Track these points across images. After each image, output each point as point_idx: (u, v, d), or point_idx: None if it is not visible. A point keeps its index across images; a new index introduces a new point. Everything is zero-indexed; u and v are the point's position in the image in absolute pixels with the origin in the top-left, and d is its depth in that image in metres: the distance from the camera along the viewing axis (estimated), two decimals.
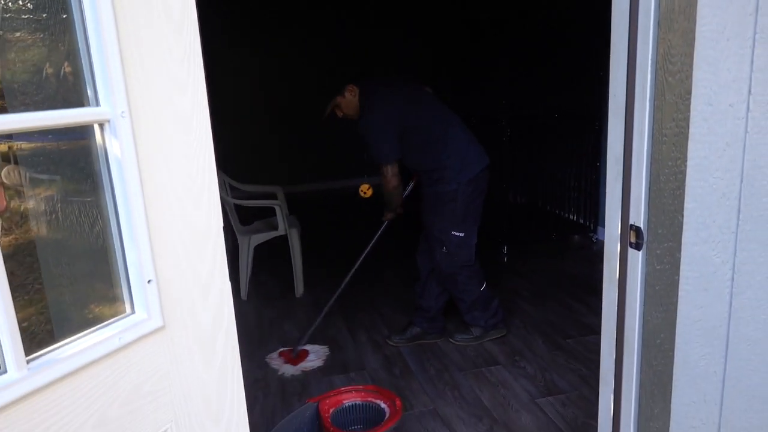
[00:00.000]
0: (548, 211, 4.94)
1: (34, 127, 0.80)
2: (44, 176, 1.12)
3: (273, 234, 3.70)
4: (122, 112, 0.80)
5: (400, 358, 2.83)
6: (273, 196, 3.91)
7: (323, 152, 6.52)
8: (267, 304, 3.60)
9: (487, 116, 4.46)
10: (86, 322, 0.86)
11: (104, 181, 0.83)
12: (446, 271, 2.79)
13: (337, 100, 2.75)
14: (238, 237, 3.64)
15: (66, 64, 0.94)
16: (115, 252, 0.85)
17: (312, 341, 2.96)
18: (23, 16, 0.99)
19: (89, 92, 0.80)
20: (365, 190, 3.08)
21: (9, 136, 1.20)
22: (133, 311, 0.87)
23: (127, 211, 0.83)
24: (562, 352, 2.81)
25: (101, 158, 0.82)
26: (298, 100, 6.40)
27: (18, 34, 1.06)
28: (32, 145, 1.13)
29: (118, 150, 0.80)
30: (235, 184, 4.00)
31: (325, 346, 2.97)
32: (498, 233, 4.23)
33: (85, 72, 0.80)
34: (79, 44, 0.80)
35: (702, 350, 1.42)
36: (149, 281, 0.86)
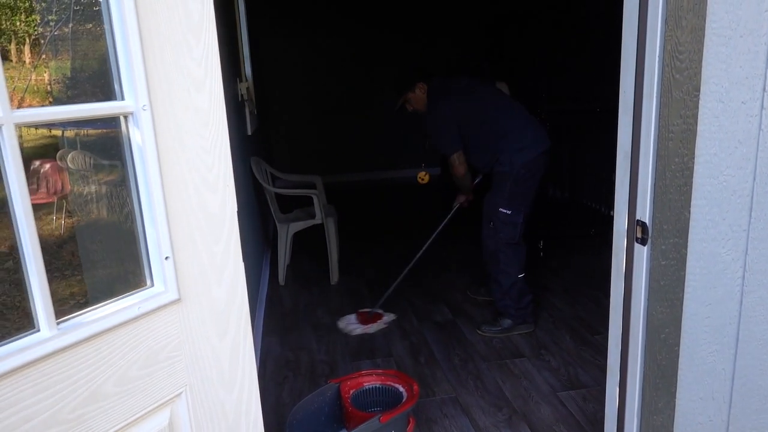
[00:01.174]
0: (588, 206, 4.88)
1: (69, 118, 0.90)
2: (106, 161, 1.23)
3: (311, 222, 3.82)
4: (144, 105, 0.90)
5: (426, 346, 2.90)
6: (312, 186, 4.04)
7: (362, 144, 6.61)
8: (303, 289, 3.73)
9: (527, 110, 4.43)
10: (113, 293, 0.97)
11: (128, 166, 0.93)
12: (490, 248, 2.95)
13: (407, 96, 3.00)
14: (278, 225, 3.77)
15: None
16: (137, 231, 0.95)
17: (385, 309, 3.27)
18: (94, 8, 1.10)
19: (116, 87, 0.90)
20: (423, 177, 3.32)
21: (77, 123, 1.32)
22: (152, 284, 0.97)
23: (148, 194, 0.93)
24: (589, 347, 2.80)
25: (126, 146, 0.92)
26: (341, 93, 6.51)
27: (89, 26, 1.18)
28: (97, 131, 1.25)
29: (139, 139, 0.90)
30: (276, 173, 4.15)
31: (393, 314, 3.24)
32: (535, 228, 4.22)
33: (112, 69, 0.90)
34: (108, 43, 0.90)
35: (710, 347, 1.43)
36: (167, 258, 0.96)
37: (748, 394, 1.48)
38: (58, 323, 0.82)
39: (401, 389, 2.06)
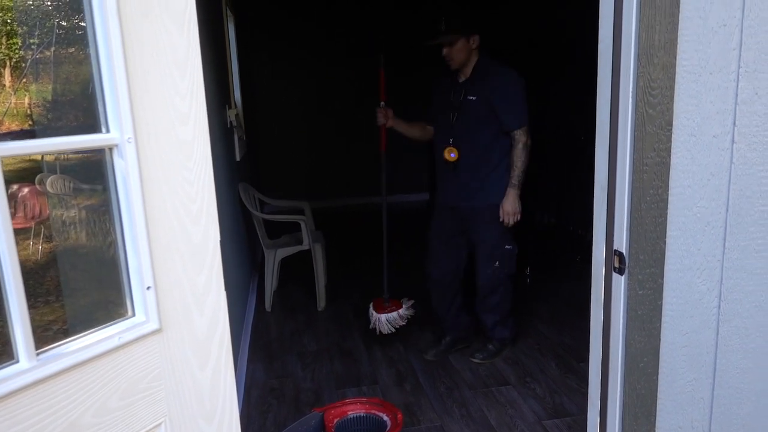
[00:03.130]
0: (574, 232, 4.93)
1: (55, 151, 0.92)
2: (87, 186, 1.23)
3: (298, 248, 3.82)
4: (129, 138, 0.92)
5: (413, 374, 2.89)
6: (300, 211, 4.05)
7: (351, 169, 6.65)
8: (289, 316, 3.71)
9: None
10: (94, 321, 0.97)
11: (112, 197, 0.94)
12: (492, 285, 2.82)
13: (459, 39, 2.58)
14: (265, 250, 3.77)
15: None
16: (119, 260, 0.96)
17: (395, 297, 3.15)
18: (77, 32, 1.12)
19: (101, 119, 0.92)
20: (454, 152, 2.74)
21: None
22: (133, 314, 0.98)
23: (131, 225, 0.94)
24: (574, 375, 2.81)
25: (110, 177, 0.94)
26: (330, 119, 6.58)
27: (71, 50, 1.19)
28: (77, 155, 1.25)
29: (124, 171, 0.92)
30: (264, 198, 4.16)
31: (408, 299, 3.11)
32: (522, 254, 4.25)
33: (97, 100, 0.92)
34: (93, 75, 0.92)
35: (688, 376, 1.45)
36: (148, 288, 0.97)
37: (727, 423, 1.50)
38: (37, 354, 0.82)
39: (385, 418, 2.05)
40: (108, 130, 0.91)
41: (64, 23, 1.19)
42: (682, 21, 1.26)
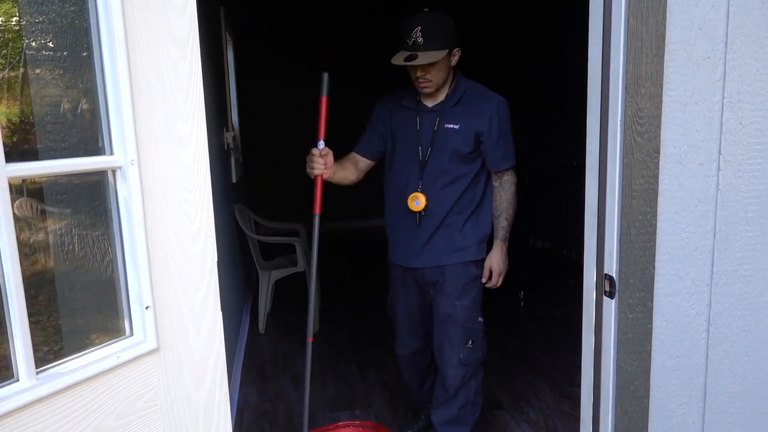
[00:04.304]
0: (567, 256, 4.96)
1: (58, 173, 0.95)
2: (55, 209, 1.20)
3: (293, 270, 3.83)
4: (132, 160, 0.94)
5: (406, 398, 2.88)
6: (295, 233, 4.07)
7: (346, 192, 6.68)
8: (283, 338, 3.70)
9: None
10: (91, 341, 0.99)
11: (113, 218, 0.96)
12: (462, 377, 2.16)
13: (439, 54, 1.96)
14: (259, 271, 3.78)
15: (84, 101, 1.08)
16: (118, 280, 0.98)
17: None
18: (44, 53, 1.12)
19: (105, 142, 0.95)
20: (420, 200, 2.11)
21: None
22: (131, 333, 0.99)
23: (131, 244, 0.96)
24: (568, 400, 2.81)
25: (111, 198, 0.96)
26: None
27: (38, 72, 1.17)
28: (44, 178, 1.24)
29: (126, 192, 0.94)
30: (259, 220, 4.18)
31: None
32: (515, 278, 4.27)
33: (102, 124, 0.95)
34: (98, 99, 0.95)
35: (679, 400, 1.46)
36: (147, 307, 0.98)
37: None
38: (37, 372, 0.83)
39: None
40: (112, 152, 0.93)
41: (33, 44, 1.18)
42: (667, 53, 1.30)
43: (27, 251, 1.38)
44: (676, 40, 1.31)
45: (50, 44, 1.04)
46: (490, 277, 2.15)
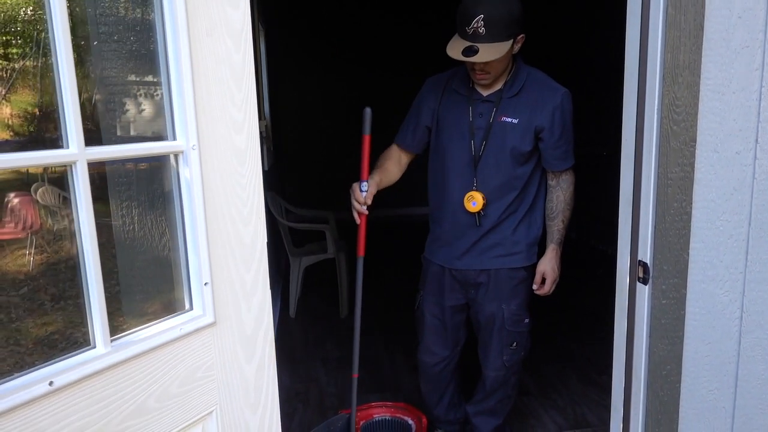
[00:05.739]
0: (595, 247, 4.95)
1: (126, 157, 1.01)
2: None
3: (323, 256, 3.91)
4: (193, 145, 1.01)
5: None
6: (324, 221, 4.14)
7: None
8: (313, 323, 3.79)
9: None
10: (151, 315, 1.06)
11: (175, 199, 1.03)
12: (504, 378, 2.13)
13: (502, 43, 1.76)
14: (290, 258, 3.86)
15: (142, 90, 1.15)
16: (179, 258, 1.05)
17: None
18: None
19: (168, 128, 1.01)
20: (477, 200, 1.97)
21: None
22: (191, 308, 1.06)
23: (192, 224, 1.02)
24: (596, 387, 2.83)
25: (174, 181, 1.03)
26: (352, 133, 6.69)
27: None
28: (63, 167, 1.29)
29: (188, 175, 1.01)
30: (290, 207, 4.26)
31: None
32: None
33: (166, 111, 1.01)
34: (163, 89, 1.01)
35: (710, 385, 1.49)
36: (206, 284, 1.05)
37: None
38: (112, 340, 0.91)
39: (410, 422, 2.10)
40: (175, 138, 1.00)
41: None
42: (705, 42, 1.32)
43: (51, 239, 1.42)
44: (715, 29, 1.32)
45: (115, 37, 1.11)
46: (542, 283, 2.03)
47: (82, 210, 0.85)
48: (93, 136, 1.14)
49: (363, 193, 1.92)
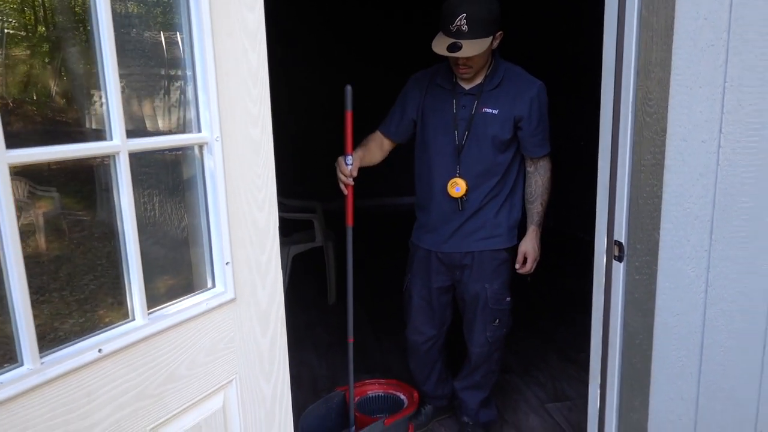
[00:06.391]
0: (573, 234, 5.13)
1: (161, 147, 1.12)
2: (41, 190, 1.22)
3: (311, 245, 4.01)
4: (216, 137, 1.10)
5: None
6: (312, 210, 4.23)
7: (360, 172, 6.83)
8: (302, 310, 3.90)
9: None
10: (183, 291, 1.15)
11: (199, 186, 1.13)
12: (488, 353, 2.27)
13: (481, 40, 1.90)
14: (279, 247, 3.95)
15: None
16: (203, 240, 1.15)
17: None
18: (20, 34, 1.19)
19: (194, 121, 1.11)
20: (460, 185, 2.10)
21: None
22: (214, 285, 1.16)
23: (215, 209, 1.12)
24: (574, 365, 3.00)
25: (198, 170, 1.12)
26: (340, 124, 6.77)
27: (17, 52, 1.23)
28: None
29: (212, 164, 1.10)
30: (279, 198, 4.34)
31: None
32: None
33: (191, 107, 1.11)
34: (189, 85, 1.10)
35: (678, 353, 1.64)
36: (227, 263, 1.15)
37: (712, 395, 1.69)
38: (149, 313, 1.01)
39: (402, 397, 2.23)
40: (200, 130, 1.09)
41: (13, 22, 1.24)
42: (675, 41, 1.45)
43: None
44: (684, 29, 1.45)
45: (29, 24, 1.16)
46: (524, 262, 2.17)
47: (123, 195, 0.94)
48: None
49: (348, 166, 2.06)
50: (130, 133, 0.99)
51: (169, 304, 1.07)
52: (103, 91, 0.91)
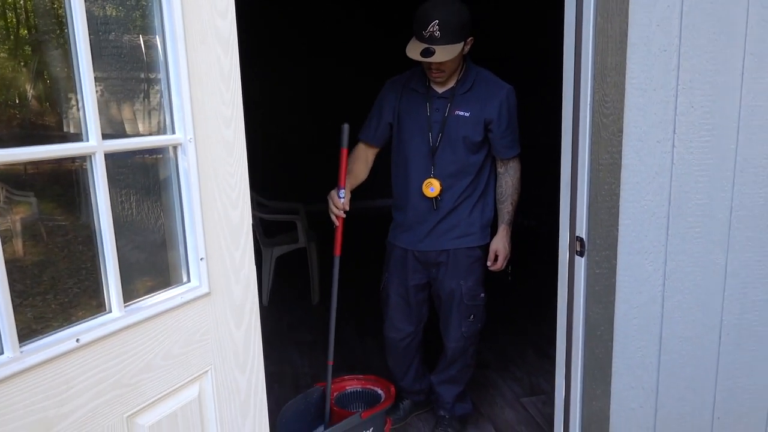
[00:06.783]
0: (549, 233, 5.22)
1: (136, 148, 1.16)
2: (19, 195, 1.21)
3: (294, 246, 4.06)
4: (190, 138, 1.16)
5: None
6: (295, 212, 4.29)
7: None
8: (286, 310, 3.94)
9: None
10: (159, 286, 1.21)
11: (173, 186, 1.18)
12: (463, 347, 2.35)
13: (453, 46, 1.98)
14: (262, 248, 4.00)
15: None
16: (178, 236, 1.20)
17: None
18: None
19: (168, 122, 1.16)
20: (435, 185, 2.17)
21: None
22: (189, 280, 1.21)
23: (189, 207, 1.18)
24: (550, 360, 3.05)
25: (173, 170, 1.18)
26: (323, 126, 6.83)
27: None
28: (8, 165, 1.33)
29: (186, 165, 1.16)
30: (261, 200, 4.39)
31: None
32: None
33: (165, 109, 1.16)
34: (162, 87, 1.16)
35: (638, 343, 1.72)
36: (201, 259, 1.21)
37: (671, 384, 1.78)
38: (125, 306, 1.06)
39: (380, 391, 2.29)
40: (174, 132, 1.15)
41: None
42: (629, 47, 1.53)
43: None
44: (637, 35, 1.54)
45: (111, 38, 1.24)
46: (495, 260, 2.26)
47: (100, 194, 1.00)
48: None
49: (341, 200, 2.15)
50: (109, 137, 1.04)
51: (145, 297, 1.12)
52: (79, 91, 0.97)
